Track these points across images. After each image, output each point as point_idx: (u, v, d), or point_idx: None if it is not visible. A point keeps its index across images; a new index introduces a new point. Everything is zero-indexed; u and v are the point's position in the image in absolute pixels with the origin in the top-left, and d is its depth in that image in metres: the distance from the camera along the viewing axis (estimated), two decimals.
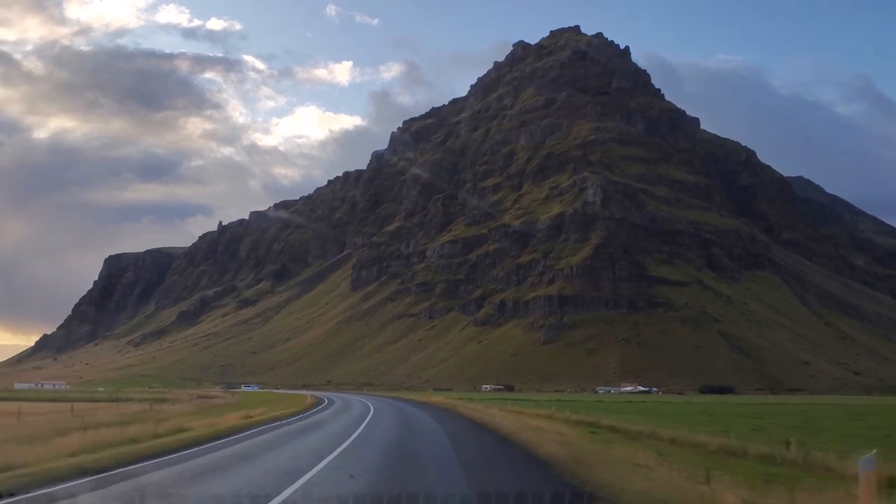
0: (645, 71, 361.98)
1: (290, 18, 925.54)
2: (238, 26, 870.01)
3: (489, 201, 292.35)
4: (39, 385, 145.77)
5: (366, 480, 15.74)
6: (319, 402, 70.36)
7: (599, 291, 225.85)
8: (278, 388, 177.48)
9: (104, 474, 16.01)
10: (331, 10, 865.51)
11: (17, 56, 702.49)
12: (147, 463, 18.28)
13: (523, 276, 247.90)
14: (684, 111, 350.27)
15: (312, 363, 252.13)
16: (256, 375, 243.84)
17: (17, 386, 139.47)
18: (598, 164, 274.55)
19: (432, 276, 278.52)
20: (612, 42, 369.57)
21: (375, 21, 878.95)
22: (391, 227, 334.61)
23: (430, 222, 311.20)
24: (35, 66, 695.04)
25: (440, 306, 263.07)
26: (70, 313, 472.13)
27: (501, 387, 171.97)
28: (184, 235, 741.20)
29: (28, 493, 13.33)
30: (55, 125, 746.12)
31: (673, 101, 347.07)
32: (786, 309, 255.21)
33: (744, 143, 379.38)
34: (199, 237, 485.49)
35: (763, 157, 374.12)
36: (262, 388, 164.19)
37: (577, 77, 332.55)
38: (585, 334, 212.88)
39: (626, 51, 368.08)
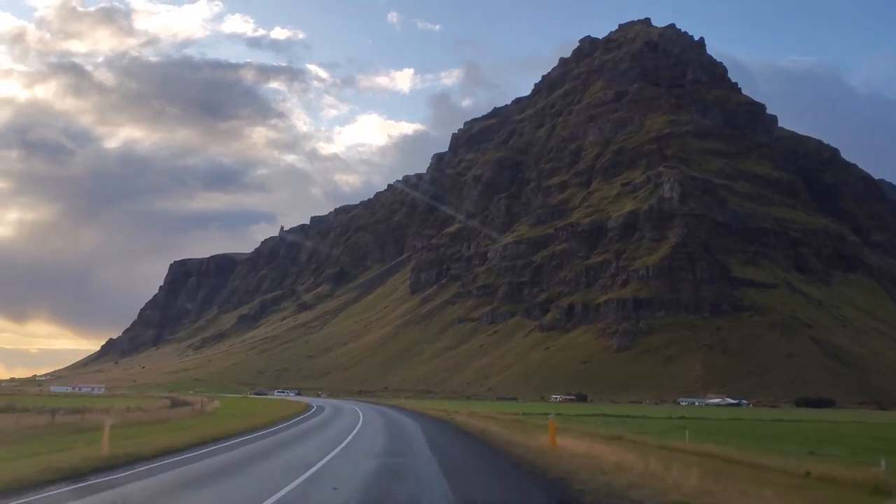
0: (721, 63, 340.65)
1: (352, 26, 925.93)
2: (301, 35, 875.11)
3: (555, 200, 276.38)
4: (76, 388, 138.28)
5: None
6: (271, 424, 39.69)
7: (678, 294, 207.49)
8: (320, 395, 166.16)
9: None
10: (392, 17, 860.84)
11: (89, 68, 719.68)
12: None
13: (593, 278, 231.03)
14: (764, 105, 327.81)
15: (369, 368, 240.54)
16: (312, 380, 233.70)
17: (53, 389, 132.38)
18: (674, 158, 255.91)
19: (494, 279, 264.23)
20: (685, 33, 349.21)
21: (437, 27, 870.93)
22: (451, 229, 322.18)
23: (493, 223, 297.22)
24: (106, 77, 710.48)
25: (503, 310, 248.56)
26: (136, 318, 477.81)
27: (573, 397, 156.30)
28: (248, 242, 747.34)
29: None
30: (125, 135, 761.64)
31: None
32: (884, 315, 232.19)
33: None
34: (262, 242, 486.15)
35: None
36: (299, 395, 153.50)
37: (648, 69, 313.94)
38: (663, 340, 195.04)
39: (701, 42, 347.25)
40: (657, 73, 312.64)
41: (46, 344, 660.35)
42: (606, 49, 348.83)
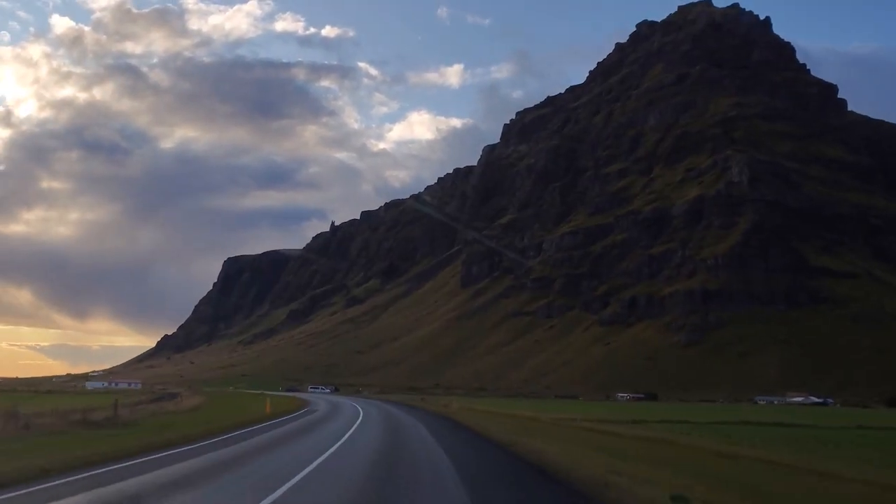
0: (789, 43, 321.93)
1: (402, 23, 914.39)
2: (351, 33, 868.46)
3: (614, 188, 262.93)
4: (113, 384, 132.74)
5: None
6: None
7: (750, 284, 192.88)
8: (360, 391, 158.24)
9: None
10: (442, 12, 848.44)
11: (144, 69, 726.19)
12: None
13: (657, 269, 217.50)
14: (836, 86, 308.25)
15: (420, 364, 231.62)
16: (361, 376, 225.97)
17: (89, 385, 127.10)
18: (742, 141, 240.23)
19: (550, 271, 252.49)
20: (749, 12, 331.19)
21: (486, 21, 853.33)
22: (503, 220, 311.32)
23: (547, 213, 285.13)
24: (160, 78, 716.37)
25: (559, 304, 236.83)
26: (190, 314, 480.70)
27: (642, 396, 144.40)
28: (299, 238, 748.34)
29: None
30: (180, 135, 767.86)
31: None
32: None
33: None
34: (313, 238, 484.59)
35: None
36: (335, 391, 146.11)
37: (711, 50, 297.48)
38: (735, 334, 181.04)
39: (767, 21, 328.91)
40: (721, 55, 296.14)
41: (107, 341, 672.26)
42: (666, 31, 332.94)
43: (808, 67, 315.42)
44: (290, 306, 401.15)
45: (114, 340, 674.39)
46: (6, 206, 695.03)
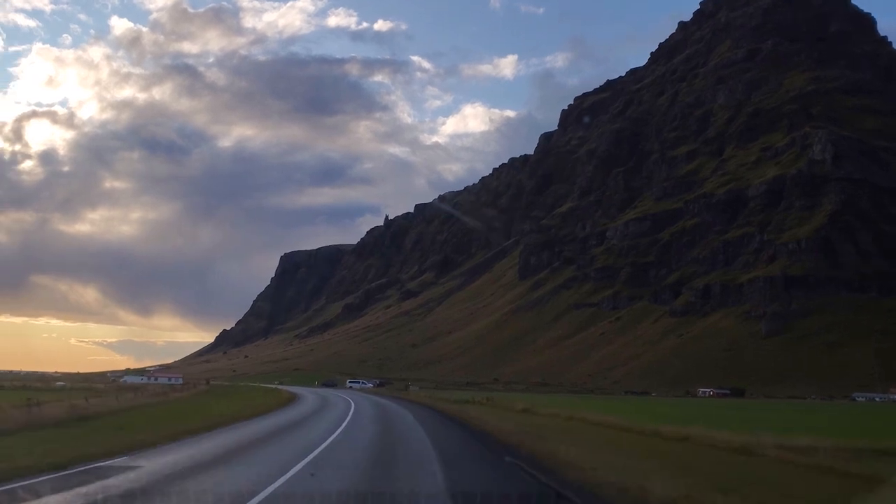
0: (868, 14, 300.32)
1: (454, 15, 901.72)
2: (404, 26, 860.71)
3: (682, 171, 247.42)
4: (153, 379, 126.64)
5: None
6: None
7: (838, 270, 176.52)
8: (408, 387, 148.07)
9: None
10: (495, 2, 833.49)
11: (201, 68, 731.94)
12: None
13: (733, 255, 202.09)
14: None
15: (476, 358, 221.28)
16: (416, 370, 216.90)
17: (127, 380, 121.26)
18: (822, 117, 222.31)
19: (615, 260, 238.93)
20: None
21: (541, 10, 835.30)
22: (563, 209, 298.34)
23: (610, 200, 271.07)
24: (217, 77, 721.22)
25: (625, 294, 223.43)
26: (248, 309, 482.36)
27: (727, 391, 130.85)
28: (354, 233, 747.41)
29: None
30: (237, 134, 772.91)
31: None
32: None
33: None
34: (367, 232, 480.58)
35: None
36: (380, 386, 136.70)
37: (784, 23, 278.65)
38: (823, 324, 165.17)
39: None
40: (794, 28, 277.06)
41: (171, 336, 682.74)
42: (732, 7, 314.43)
43: (889, 40, 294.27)
44: (345, 300, 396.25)
45: (177, 336, 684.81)
46: (71, 206, 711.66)
